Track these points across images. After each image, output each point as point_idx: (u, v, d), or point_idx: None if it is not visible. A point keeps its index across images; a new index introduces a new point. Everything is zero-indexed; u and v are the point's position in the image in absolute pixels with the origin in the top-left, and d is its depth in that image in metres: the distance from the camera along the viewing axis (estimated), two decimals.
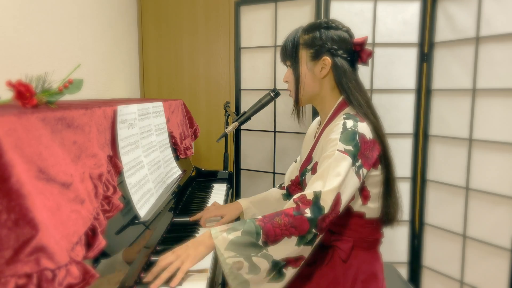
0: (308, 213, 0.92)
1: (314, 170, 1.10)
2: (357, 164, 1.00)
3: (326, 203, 0.93)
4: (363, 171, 1.01)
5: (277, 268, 0.92)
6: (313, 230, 0.92)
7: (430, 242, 1.91)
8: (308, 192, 0.95)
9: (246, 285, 0.91)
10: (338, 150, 0.99)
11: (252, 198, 1.39)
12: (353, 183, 0.99)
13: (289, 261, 0.93)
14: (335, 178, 0.95)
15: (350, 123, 1.03)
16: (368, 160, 1.02)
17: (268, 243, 0.90)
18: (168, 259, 0.89)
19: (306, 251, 0.94)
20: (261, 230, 0.90)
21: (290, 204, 0.97)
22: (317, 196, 0.93)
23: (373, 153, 1.04)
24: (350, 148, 0.99)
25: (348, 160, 0.98)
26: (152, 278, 0.86)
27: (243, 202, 1.36)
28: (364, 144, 1.02)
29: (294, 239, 0.91)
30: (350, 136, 1.01)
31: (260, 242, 0.90)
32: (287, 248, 0.91)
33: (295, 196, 0.97)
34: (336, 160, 0.97)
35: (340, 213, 0.98)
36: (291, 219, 0.91)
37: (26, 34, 1.31)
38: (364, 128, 1.04)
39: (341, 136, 1.01)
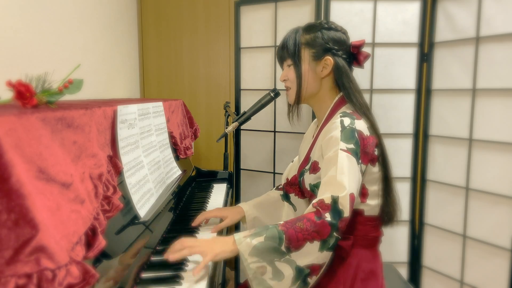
0: (328, 217, 0.93)
1: (312, 170, 1.11)
2: (360, 161, 1.02)
3: (344, 206, 0.94)
4: (362, 167, 1.03)
5: (301, 277, 0.92)
6: (335, 234, 0.93)
7: (430, 242, 1.91)
8: (326, 197, 0.95)
9: None
10: (341, 149, 1.00)
11: (252, 201, 1.39)
12: (359, 180, 1.01)
13: (313, 269, 0.93)
14: (347, 180, 0.96)
15: (347, 121, 1.05)
16: (367, 156, 1.04)
17: (291, 249, 0.91)
18: (193, 242, 0.93)
19: (328, 256, 0.95)
20: (284, 235, 0.91)
21: (309, 209, 0.97)
22: (335, 200, 0.94)
23: (371, 149, 1.06)
24: (351, 146, 1.01)
25: (352, 159, 0.99)
26: (173, 253, 0.91)
27: (244, 206, 1.35)
28: (363, 140, 1.04)
29: (316, 244, 0.91)
30: (349, 134, 1.02)
31: (283, 248, 0.90)
32: (310, 254, 0.92)
33: (314, 201, 0.97)
34: (342, 160, 0.98)
35: None
36: (313, 224, 0.92)
37: (26, 34, 1.31)
38: (361, 125, 1.06)
39: (341, 135, 1.02)
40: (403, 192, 1.94)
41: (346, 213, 0.94)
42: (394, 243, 1.98)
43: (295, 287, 0.92)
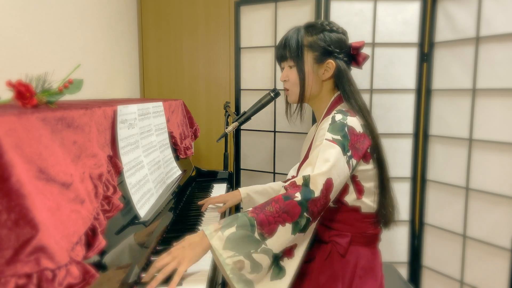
0: (298, 196, 0.92)
1: None
2: (348, 154, 1.01)
3: (316, 187, 0.93)
4: (353, 161, 1.03)
5: (275, 262, 0.92)
6: (305, 214, 0.92)
7: (430, 242, 1.91)
8: (298, 178, 0.96)
9: (250, 285, 0.89)
10: (326, 139, 1.00)
11: (251, 187, 1.44)
12: (343, 172, 0.99)
13: (285, 252, 0.93)
14: (324, 164, 0.96)
15: (339, 117, 1.05)
16: (358, 152, 1.04)
17: (264, 235, 0.89)
18: (164, 260, 0.87)
19: (299, 238, 0.95)
20: (255, 221, 0.89)
21: (281, 191, 0.98)
22: (306, 179, 0.94)
23: (363, 145, 1.05)
24: (338, 137, 1.01)
25: (336, 148, 0.99)
26: (149, 279, 0.85)
27: (242, 190, 1.42)
28: (354, 136, 1.03)
29: (288, 227, 0.90)
30: (338, 127, 1.03)
31: (256, 235, 0.88)
32: (284, 238, 0.91)
33: (286, 184, 0.98)
34: (324, 147, 0.99)
35: (332, 201, 0.99)
36: (282, 204, 0.91)
37: (26, 34, 1.31)
38: (353, 122, 1.06)
39: (329, 127, 1.03)
40: (403, 192, 1.94)
41: (317, 193, 0.92)
42: (394, 243, 1.98)
43: (270, 273, 0.92)
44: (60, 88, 0.78)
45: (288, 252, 0.94)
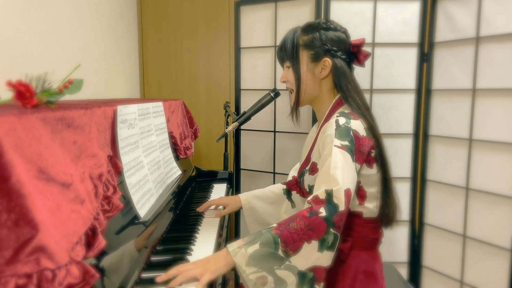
0: (323, 212, 0.90)
1: (311, 171, 1.11)
2: (355, 159, 1.01)
3: (339, 200, 0.92)
4: (357, 166, 1.02)
5: (306, 283, 0.88)
6: (331, 230, 0.89)
7: (430, 242, 1.91)
8: (320, 192, 0.93)
9: None
10: (335, 146, 0.99)
11: (252, 192, 1.42)
12: (354, 177, 1.00)
13: (317, 272, 0.89)
14: (341, 174, 0.95)
15: (342, 120, 1.04)
16: (362, 156, 1.03)
17: (288, 252, 0.87)
18: (188, 266, 0.88)
19: (330, 257, 0.91)
20: (279, 239, 0.87)
21: (305, 205, 0.96)
22: (329, 194, 0.92)
23: (366, 149, 1.05)
24: (346, 143, 1.00)
25: (346, 155, 0.98)
26: (166, 279, 0.86)
27: (242, 196, 1.40)
28: (358, 140, 1.03)
29: (315, 244, 0.88)
30: (344, 132, 1.02)
31: (280, 252, 0.87)
32: (310, 255, 0.88)
33: (309, 198, 0.96)
34: (337, 156, 0.97)
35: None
36: (307, 221, 0.89)
37: (26, 34, 1.31)
38: (357, 125, 1.05)
39: (336, 133, 1.01)
40: (403, 192, 1.94)
41: (342, 207, 0.91)
42: (394, 243, 1.98)
43: None
44: (60, 88, 0.78)
45: (322, 274, 0.90)
